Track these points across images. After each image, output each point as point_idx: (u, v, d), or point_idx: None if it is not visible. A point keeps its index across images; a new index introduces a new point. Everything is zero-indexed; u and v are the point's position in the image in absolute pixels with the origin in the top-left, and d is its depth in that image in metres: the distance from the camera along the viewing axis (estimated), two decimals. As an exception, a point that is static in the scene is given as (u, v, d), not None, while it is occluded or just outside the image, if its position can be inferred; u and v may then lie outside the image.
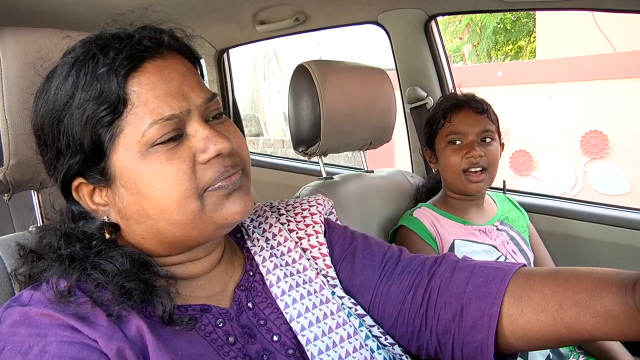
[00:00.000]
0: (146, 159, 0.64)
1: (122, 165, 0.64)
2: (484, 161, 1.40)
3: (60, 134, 0.64)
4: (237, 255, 0.82)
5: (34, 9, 1.59)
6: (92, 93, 0.62)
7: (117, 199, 0.67)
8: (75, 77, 0.63)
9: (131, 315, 0.63)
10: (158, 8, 0.78)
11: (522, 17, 9.22)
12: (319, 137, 1.43)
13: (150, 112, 0.63)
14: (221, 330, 0.70)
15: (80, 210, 0.71)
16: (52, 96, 0.64)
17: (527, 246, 1.52)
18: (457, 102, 1.48)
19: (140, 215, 0.66)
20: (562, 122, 4.96)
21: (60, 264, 0.64)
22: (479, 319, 0.70)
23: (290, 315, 0.74)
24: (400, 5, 1.78)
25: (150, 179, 0.64)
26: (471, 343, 0.71)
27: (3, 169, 0.79)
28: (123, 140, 0.63)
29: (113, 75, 0.62)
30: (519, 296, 0.69)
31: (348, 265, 0.84)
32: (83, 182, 0.67)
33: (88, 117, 0.62)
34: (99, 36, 0.66)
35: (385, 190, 1.65)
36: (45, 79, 0.67)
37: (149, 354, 0.61)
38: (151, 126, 0.63)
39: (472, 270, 0.75)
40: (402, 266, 0.81)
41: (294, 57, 8.38)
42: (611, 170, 4.79)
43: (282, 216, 0.89)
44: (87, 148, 0.64)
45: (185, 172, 0.64)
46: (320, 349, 0.71)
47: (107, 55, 0.63)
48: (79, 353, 0.57)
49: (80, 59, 0.64)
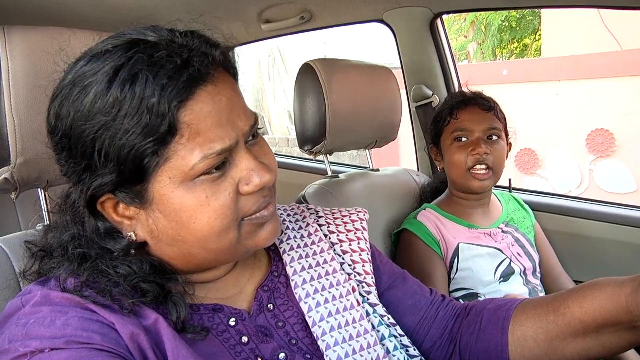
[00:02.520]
0: (191, 191, 0.62)
1: (164, 194, 0.62)
2: (490, 159, 1.39)
3: (95, 152, 0.59)
4: (257, 259, 0.81)
5: (41, 8, 1.59)
6: (138, 122, 0.57)
7: (152, 221, 0.64)
8: (119, 95, 0.57)
9: (146, 310, 0.63)
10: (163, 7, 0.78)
11: (528, 15, 9.18)
12: (325, 136, 1.43)
13: (200, 146, 0.60)
14: (234, 330, 0.70)
15: (105, 227, 0.67)
16: (87, 108, 0.59)
17: (533, 248, 1.52)
18: (464, 99, 1.47)
19: (175, 240, 0.65)
20: (568, 121, 4.94)
21: (70, 264, 0.64)
22: (494, 324, 0.78)
23: (313, 320, 0.74)
24: (406, 3, 1.78)
25: (193, 210, 0.62)
26: (487, 348, 0.77)
27: (10, 167, 0.79)
28: (168, 169, 0.61)
29: (166, 105, 0.57)
30: (523, 310, 0.79)
31: (400, 285, 0.89)
32: (111, 197, 0.64)
33: (132, 145, 0.58)
34: (146, 47, 0.60)
35: (391, 189, 1.65)
36: (71, 84, 0.61)
37: (164, 344, 0.61)
38: (202, 161, 0.60)
39: (496, 298, 0.89)
40: (449, 301, 0.90)
41: (299, 55, 8.36)
42: (617, 169, 4.77)
43: (320, 218, 0.89)
44: (128, 173, 0.60)
45: (230, 206, 0.63)
46: (340, 356, 0.71)
47: (158, 80, 0.57)
48: (101, 329, 0.58)
49: (125, 76, 0.57)
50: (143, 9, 1.70)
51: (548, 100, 5.04)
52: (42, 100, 0.80)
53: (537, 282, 1.47)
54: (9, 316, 0.60)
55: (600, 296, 0.70)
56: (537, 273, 1.49)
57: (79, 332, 0.56)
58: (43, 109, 0.80)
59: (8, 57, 0.77)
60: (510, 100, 5.05)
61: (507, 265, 1.41)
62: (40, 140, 0.80)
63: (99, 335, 0.57)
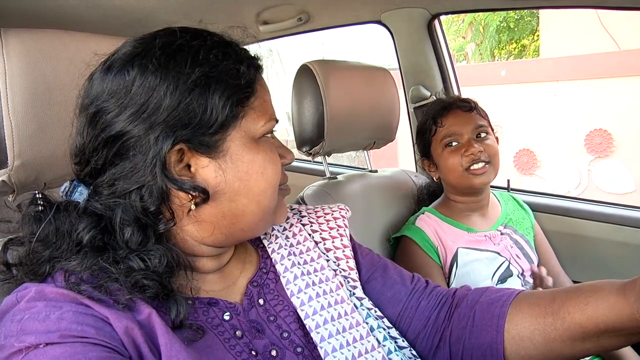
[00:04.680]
0: (259, 145, 0.72)
1: (238, 145, 0.70)
2: (485, 155, 1.39)
3: (193, 101, 0.66)
4: (248, 253, 0.84)
5: (39, 10, 1.59)
6: (236, 76, 0.69)
7: (220, 172, 0.69)
8: (216, 58, 0.68)
9: (140, 305, 0.63)
10: (161, 9, 0.78)
11: (526, 15, 9.19)
12: (323, 137, 1.43)
13: (266, 111, 0.74)
14: (228, 324, 0.71)
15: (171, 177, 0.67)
16: (187, 71, 0.66)
17: (531, 249, 1.51)
18: (444, 105, 1.48)
19: (238, 193, 0.71)
20: (566, 121, 4.95)
21: (76, 255, 0.63)
22: (489, 320, 0.77)
23: (305, 313, 0.76)
24: (404, 4, 1.78)
25: (262, 163, 0.72)
26: (481, 345, 0.74)
27: (7, 170, 0.79)
28: (244, 124, 0.70)
29: (252, 68, 0.73)
30: (519, 308, 0.78)
31: (379, 277, 0.89)
32: (182, 148, 0.67)
33: (229, 95, 0.68)
34: (222, 38, 0.73)
35: (389, 190, 1.65)
36: (162, 55, 0.67)
37: (158, 338, 0.61)
38: (268, 122, 0.73)
39: (487, 288, 0.85)
40: (432, 287, 0.89)
41: (297, 57, 8.37)
42: (616, 169, 4.78)
43: (303, 217, 0.92)
44: (214, 122, 0.67)
45: (280, 167, 0.76)
46: (334, 347, 0.73)
47: (243, 54, 0.73)
48: (95, 323, 0.58)
49: (217, 45, 0.70)
50: (141, 11, 1.69)
51: (546, 100, 5.05)
52: (39, 103, 0.80)
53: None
54: (4, 312, 0.60)
55: (602, 304, 0.69)
56: (536, 274, 1.49)
57: (73, 325, 0.57)
58: (40, 111, 0.80)
59: (5, 59, 0.76)
60: (508, 100, 5.08)
61: (505, 267, 1.42)
62: (38, 142, 0.80)
63: (93, 329, 0.57)
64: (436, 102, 1.56)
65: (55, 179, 0.85)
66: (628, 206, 1.67)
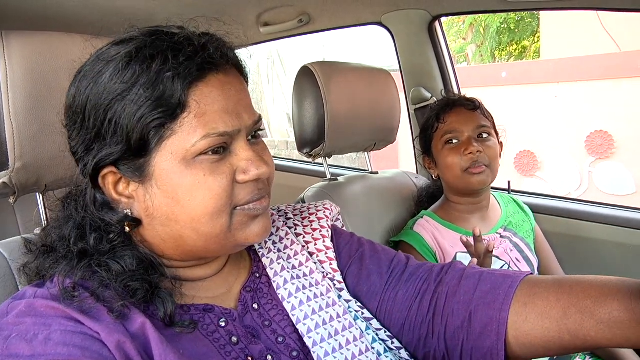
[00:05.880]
0: (190, 168, 0.65)
1: (164, 168, 0.65)
2: (484, 158, 1.38)
3: (107, 120, 0.63)
4: (242, 258, 0.83)
5: (39, 12, 1.60)
6: (152, 93, 0.62)
7: (148, 197, 0.66)
8: (137, 70, 0.62)
9: (135, 313, 0.63)
10: (161, 11, 0.78)
11: (526, 17, 9.19)
12: (324, 139, 1.43)
13: (204, 125, 0.64)
14: (224, 330, 0.70)
15: (103, 199, 0.70)
16: (106, 80, 0.63)
17: (532, 252, 1.50)
18: (448, 102, 1.48)
19: (169, 219, 0.67)
20: (567, 122, 4.95)
21: (69, 261, 0.65)
22: (488, 324, 0.71)
23: (297, 317, 0.74)
24: (404, 6, 1.78)
25: (190, 187, 0.65)
26: (481, 349, 0.72)
27: (9, 171, 0.79)
28: (171, 144, 0.64)
29: (178, 81, 0.62)
30: (524, 303, 0.70)
31: (355, 271, 0.84)
32: (113, 171, 0.66)
33: (143, 115, 0.62)
34: (168, 34, 0.65)
35: (389, 192, 1.65)
36: (96, 59, 0.65)
37: (152, 349, 0.61)
38: (203, 139, 0.64)
39: (479, 278, 0.75)
40: (410, 273, 0.82)
41: (298, 58, 8.38)
42: (617, 170, 4.77)
43: (289, 220, 0.90)
44: (134, 143, 0.63)
45: (225, 188, 0.66)
46: (327, 351, 0.72)
47: (177, 59, 0.63)
48: (82, 342, 0.58)
49: (146, 53, 0.62)
50: (141, 12, 1.70)
51: (547, 102, 5.04)
52: (40, 105, 0.80)
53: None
54: None
55: (622, 327, 0.63)
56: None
57: (59, 348, 0.56)
58: (41, 113, 0.80)
59: (6, 62, 0.77)
60: (509, 102, 5.07)
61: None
62: (39, 144, 0.80)
63: (79, 350, 0.57)
64: (441, 99, 1.56)
65: (56, 180, 0.85)
66: (629, 208, 1.67)
